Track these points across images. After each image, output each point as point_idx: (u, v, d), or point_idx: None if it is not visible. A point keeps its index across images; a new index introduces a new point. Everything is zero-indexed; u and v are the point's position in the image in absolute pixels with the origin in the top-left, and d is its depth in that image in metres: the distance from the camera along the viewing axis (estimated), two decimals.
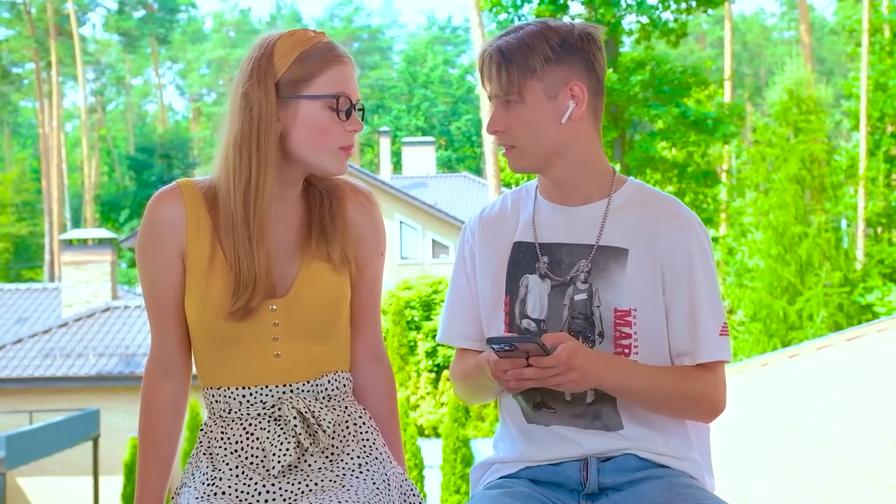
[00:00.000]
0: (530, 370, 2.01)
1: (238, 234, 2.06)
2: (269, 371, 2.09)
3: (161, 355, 2.16)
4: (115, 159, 56.02)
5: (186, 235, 2.09)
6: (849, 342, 10.22)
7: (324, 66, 2.08)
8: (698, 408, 2.17)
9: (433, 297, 23.88)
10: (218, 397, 2.12)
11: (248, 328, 2.07)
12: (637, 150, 22.27)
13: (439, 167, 46.14)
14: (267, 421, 2.08)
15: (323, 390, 2.12)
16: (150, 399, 2.16)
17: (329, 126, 2.08)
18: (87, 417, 18.02)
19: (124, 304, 21.59)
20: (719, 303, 2.18)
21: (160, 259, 2.11)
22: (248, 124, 2.05)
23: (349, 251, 2.14)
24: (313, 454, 2.09)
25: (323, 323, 2.12)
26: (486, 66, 2.16)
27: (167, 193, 2.12)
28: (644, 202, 2.20)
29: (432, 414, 22.45)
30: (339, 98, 2.08)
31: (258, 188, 2.06)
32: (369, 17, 65.69)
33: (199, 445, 2.13)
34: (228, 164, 2.07)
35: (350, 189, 2.21)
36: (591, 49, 2.15)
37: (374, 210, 2.23)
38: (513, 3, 22.31)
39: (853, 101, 26.83)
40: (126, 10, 56.19)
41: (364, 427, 2.15)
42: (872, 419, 7.23)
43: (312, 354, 2.11)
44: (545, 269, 2.19)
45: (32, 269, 46.30)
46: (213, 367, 2.12)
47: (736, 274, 23.66)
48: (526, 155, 2.16)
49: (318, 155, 2.08)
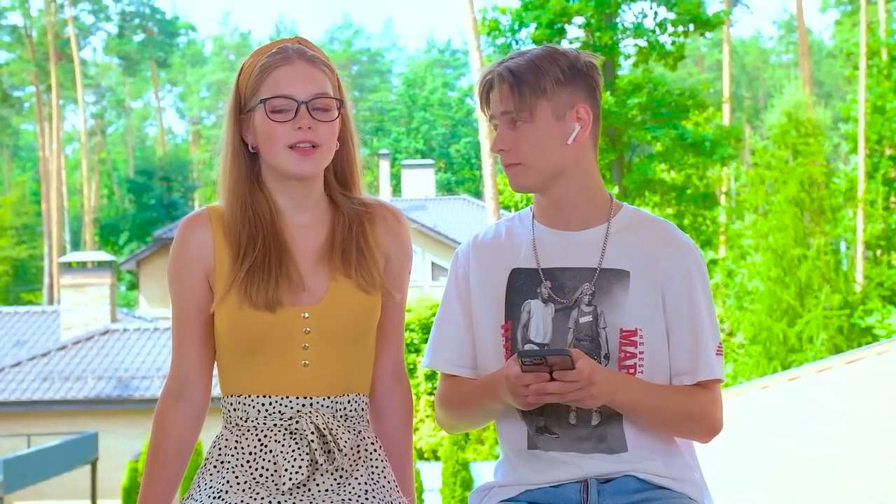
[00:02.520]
0: (555, 384, 2.04)
1: (251, 238, 2.12)
2: (295, 380, 2.10)
3: (178, 375, 2.17)
4: (115, 182, 56.08)
5: (214, 257, 2.14)
6: (849, 365, 10.19)
7: (267, 73, 2.13)
8: (699, 427, 2.20)
9: (432, 319, 23.82)
10: (236, 405, 2.12)
11: (280, 332, 2.09)
12: (635, 173, 22.32)
13: (438, 190, 46.17)
14: (282, 434, 2.08)
15: (342, 409, 2.13)
16: (159, 420, 2.17)
17: (273, 129, 2.11)
18: (85, 441, 17.96)
19: (123, 328, 21.56)
20: (716, 323, 2.23)
21: (188, 279, 2.16)
22: (225, 149, 2.16)
23: (376, 277, 2.16)
24: (323, 474, 2.08)
25: (353, 334, 2.13)
26: (497, 86, 2.19)
27: (196, 217, 2.18)
28: (642, 226, 2.24)
29: (432, 437, 22.38)
30: (267, 101, 2.10)
31: (247, 205, 2.14)
32: (369, 40, 65.92)
33: (209, 457, 2.13)
34: (221, 188, 2.17)
35: (379, 210, 2.23)
36: (594, 76, 2.22)
37: (404, 231, 2.24)
38: (510, 27, 22.44)
39: (851, 123, 26.89)
40: (126, 33, 56.40)
41: (375, 454, 2.15)
42: (872, 442, 7.21)
43: (339, 370, 2.12)
44: (548, 293, 2.20)
45: (31, 291, 46.26)
46: (238, 373, 2.13)
47: (735, 296, 23.63)
48: (531, 172, 2.19)
49: (274, 159, 2.13)
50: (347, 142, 2.23)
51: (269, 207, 2.15)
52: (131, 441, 18.79)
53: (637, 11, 22.72)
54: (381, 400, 2.24)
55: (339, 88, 2.18)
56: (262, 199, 2.15)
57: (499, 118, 2.20)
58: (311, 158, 2.11)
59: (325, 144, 2.13)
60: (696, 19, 22.39)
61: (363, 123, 58.56)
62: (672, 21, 22.52)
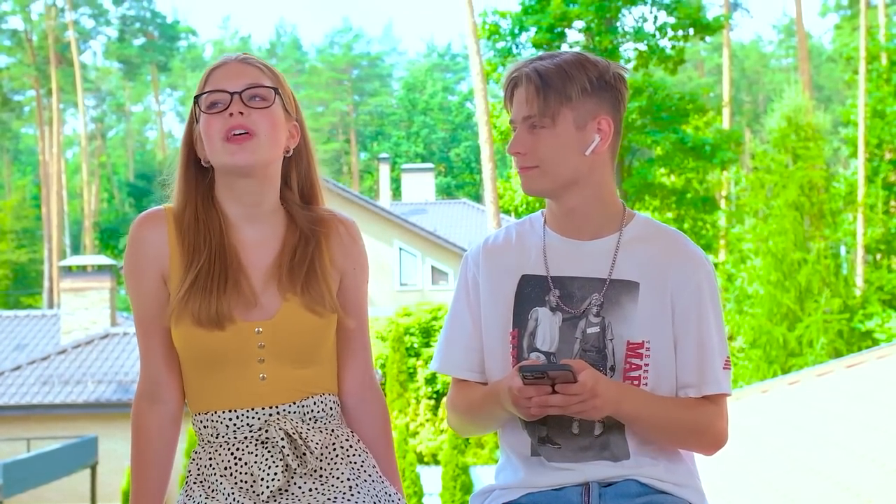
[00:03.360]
0: (556, 397, 2.04)
1: (197, 250, 2.11)
2: (255, 393, 2.09)
3: (148, 378, 2.16)
4: (115, 186, 56.09)
5: (169, 257, 2.12)
6: (849, 369, 10.19)
7: (207, 78, 2.15)
8: (703, 440, 2.20)
9: (432, 323, 23.84)
10: (206, 422, 2.12)
11: (233, 348, 2.08)
12: (635, 177, 22.32)
13: (438, 194, 46.19)
14: (254, 444, 2.08)
15: (309, 412, 2.12)
16: (136, 424, 2.17)
17: (208, 123, 2.11)
18: (85, 445, 17.95)
19: (123, 331, 21.54)
20: (724, 337, 2.21)
21: (144, 281, 2.14)
22: (178, 159, 2.20)
23: (327, 298, 2.13)
24: (302, 476, 2.08)
25: (308, 347, 2.12)
26: (523, 85, 2.17)
27: (152, 215, 2.17)
28: (653, 237, 2.23)
29: (431, 441, 22.36)
30: (201, 98, 2.12)
31: (197, 213, 2.14)
32: (369, 45, 65.97)
33: (190, 475, 2.13)
34: (173, 195, 2.20)
35: (334, 224, 2.21)
36: (621, 89, 2.20)
37: (356, 247, 2.22)
38: (510, 31, 22.44)
39: (851, 128, 26.89)
40: (127, 37, 56.41)
41: (352, 449, 2.15)
42: (873, 446, 7.20)
43: (298, 377, 2.11)
44: (556, 301, 2.19)
45: (31, 295, 46.25)
46: (200, 391, 2.12)
47: (735, 300, 23.62)
48: (546, 178, 2.17)
49: (213, 155, 2.12)
50: (302, 152, 2.21)
51: (220, 221, 2.14)
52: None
53: (637, 15, 22.73)
54: (354, 412, 2.22)
55: (288, 94, 2.17)
56: (214, 213, 2.14)
57: (519, 122, 2.18)
58: (244, 146, 2.08)
59: (262, 133, 2.09)
60: (696, 23, 22.40)
61: (363, 127, 58.55)
62: (672, 25, 22.53)
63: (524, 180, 2.20)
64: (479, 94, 20.59)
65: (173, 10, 74.98)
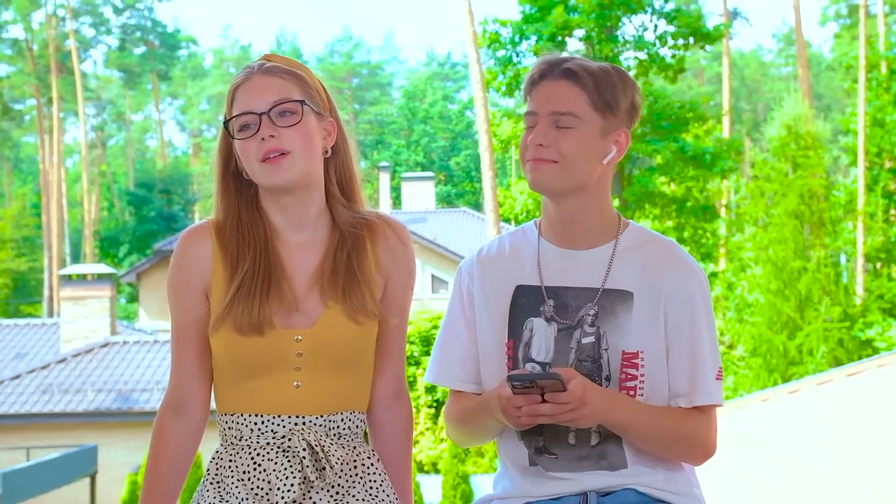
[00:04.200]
0: (546, 406, 2.03)
1: (241, 257, 2.12)
2: (287, 400, 2.08)
3: (177, 389, 2.17)
4: (115, 195, 56.10)
5: (212, 272, 2.13)
6: (849, 377, 10.17)
7: (232, 95, 2.14)
8: (692, 449, 2.20)
9: (432, 332, 23.83)
10: (231, 424, 2.12)
11: (271, 355, 2.07)
12: (636, 185, 22.32)
13: (438, 202, 46.21)
14: (275, 452, 2.07)
15: (335, 427, 2.11)
16: (157, 434, 2.17)
17: (243, 148, 2.11)
18: (84, 454, 17.92)
19: (123, 340, 21.54)
20: (717, 348, 2.21)
21: (186, 294, 2.14)
22: (213, 175, 2.19)
23: (370, 306, 2.12)
24: (318, 491, 2.07)
25: (346, 356, 2.11)
26: (562, 81, 2.16)
27: (197, 230, 2.17)
28: (646, 246, 2.23)
29: (432, 450, 22.34)
30: (230, 123, 2.12)
31: (242, 222, 2.14)
32: (369, 53, 66.03)
33: (208, 474, 2.12)
34: (214, 208, 2.18)
35: (381, 227, 2.19)
36: (640, 111, 2.25)
37: (406, 250, 2.20)
38: (511, 40, 22.46)
39: (851, 136, 26.92)
40: (127, 46, 56.48)
41: (372, 469, 2.14)
42: (873, 455, 7.19)
43: (331, 389, 2.10)
44: (551, 312, 2.19)
45: (31, 304, 46.22)
46: (231, 393, 2.12)
47: (735, 309, 23.62)
48: (563, 175, 2.16)
49: (254, 176, 2.13)
50: (340, 146, 2.20)
51: (265, 227, 2.14)
52: (131, 454, 18.75)
53: (637, 24, 22.77)
54: (380, 416, 2.22)
55: (318, 92, 2.15)
56: (258, 220, 2.15)
57: (545, 116, 2.17)
58: (280, 166, 2.08)
59: (297, 149, 2.09)
60: (696, 32, 22.43)
61: (363, 136, 58.57)
62: (672, 34, 22.56)
63: (537, 174, 2.17)
64: (479, 103, 20.60)
65: (174, 19, 75.19)
